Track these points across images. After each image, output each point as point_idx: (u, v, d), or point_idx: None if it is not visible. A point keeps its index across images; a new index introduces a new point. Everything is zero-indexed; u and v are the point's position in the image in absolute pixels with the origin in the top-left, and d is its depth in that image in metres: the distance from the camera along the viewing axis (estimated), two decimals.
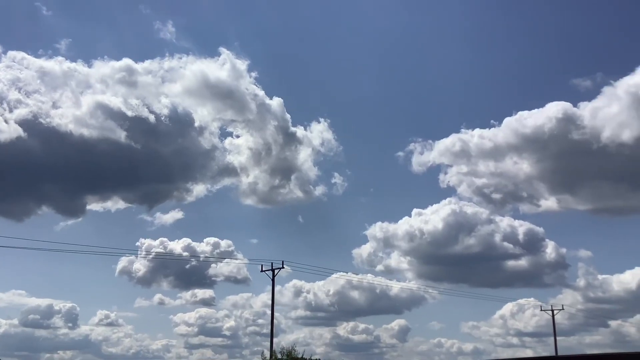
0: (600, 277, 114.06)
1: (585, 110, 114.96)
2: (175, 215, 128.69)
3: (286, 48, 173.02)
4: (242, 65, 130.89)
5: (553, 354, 75.18)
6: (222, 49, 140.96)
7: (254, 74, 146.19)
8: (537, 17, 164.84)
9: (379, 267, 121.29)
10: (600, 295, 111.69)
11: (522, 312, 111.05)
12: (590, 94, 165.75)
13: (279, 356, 44.46)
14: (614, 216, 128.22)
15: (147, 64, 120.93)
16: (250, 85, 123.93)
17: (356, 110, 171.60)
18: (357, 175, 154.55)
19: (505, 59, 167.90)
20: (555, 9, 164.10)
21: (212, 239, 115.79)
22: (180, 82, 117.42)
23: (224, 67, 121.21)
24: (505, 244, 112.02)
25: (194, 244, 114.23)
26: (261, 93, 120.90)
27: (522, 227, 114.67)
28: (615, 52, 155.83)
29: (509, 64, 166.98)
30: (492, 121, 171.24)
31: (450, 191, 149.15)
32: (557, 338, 77.87)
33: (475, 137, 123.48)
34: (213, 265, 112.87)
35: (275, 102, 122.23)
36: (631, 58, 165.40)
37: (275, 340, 53.18)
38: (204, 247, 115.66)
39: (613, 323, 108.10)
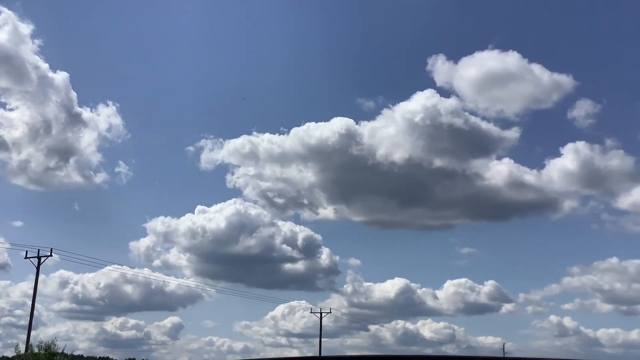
0: (365, 284, 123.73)
1: (365, 129, 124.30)
2: None
3: (80, 18, 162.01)
4: (25, 29, 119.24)
5: (317, 354, 79.14)
6: (2, 8, 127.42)
7: (37, 42, 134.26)
8: (331, 35, 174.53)
9: (157, 262, 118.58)
10: (363, 302, 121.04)
11: (293, 313, 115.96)
12: (372, 114, 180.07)
13: (37, 351, 40.94)
14: (382, 229, 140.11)
15: None
16: (32, 53, 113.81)
17: (149, 98, 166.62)
18: (143, 166, 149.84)
19: (299, 71, 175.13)
20: (346, 30, 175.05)
21: None
22: None
23: (2, 29, 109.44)
24: (285, 247, 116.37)
25: None
26: (45, 65, 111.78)
27: (302, 233, 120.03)
28: (397, 78, 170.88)
29: (304, 75, 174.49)
30: (281, 128, 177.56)
31: (236, 192, 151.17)
32: (322, 339, 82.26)
33: (265, 141, 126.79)
34: None
35: (60, 77, 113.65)
36: (409, 85, 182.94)
37: (33, 333, 49.70)
38: None
39: (372, 327, 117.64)
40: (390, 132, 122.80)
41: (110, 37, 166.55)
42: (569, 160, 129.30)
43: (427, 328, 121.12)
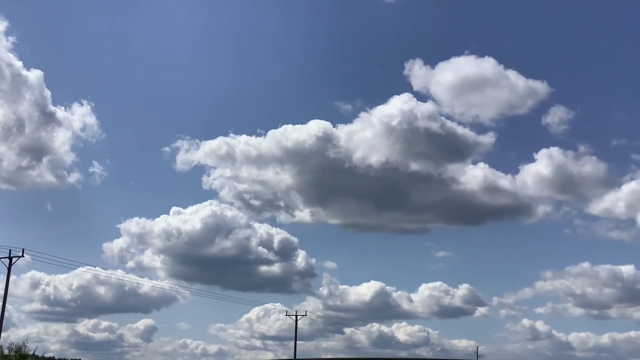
0: (341, 287, 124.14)
1: (343, 132, 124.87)
2: None
3: (55, 15, 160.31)
4: None
5: (292, 356, 79.03)
6: None
7: (12, 39, 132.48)
8: (309, 38, 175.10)
9: (130, 264, 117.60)
10: (339, 304, 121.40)
11: (268, 316, 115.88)
12: (349, 117, 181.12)
13: (7, 352, 40.39)
14: (358, 232, 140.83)
15: None
16: (5, 51, 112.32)
17: (125, 98, 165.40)
18: (117, 166, 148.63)
19: (277, 73, 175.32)
20: (324, 34, 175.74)
21: None
22: None
23: None
24: (260, 249, 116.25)
25: None
26: (19, 63, 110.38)
27: (278, 235, 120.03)
28: (374, 82, 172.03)
29: (281, 78, 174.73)
30: (258, 130, 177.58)
31: (212, 193, 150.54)
32: (297, 342, 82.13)
33: (242, 143, 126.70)
34: None
35: (34, 75, 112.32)
36: (387, 89, 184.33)
37: (3, 334, 48.79)
38: None
39: (347, 330, 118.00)
40: (367, 136, 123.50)
41: (86, 35, 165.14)
42: (542, 165, 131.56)
43: (401, 331, 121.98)
